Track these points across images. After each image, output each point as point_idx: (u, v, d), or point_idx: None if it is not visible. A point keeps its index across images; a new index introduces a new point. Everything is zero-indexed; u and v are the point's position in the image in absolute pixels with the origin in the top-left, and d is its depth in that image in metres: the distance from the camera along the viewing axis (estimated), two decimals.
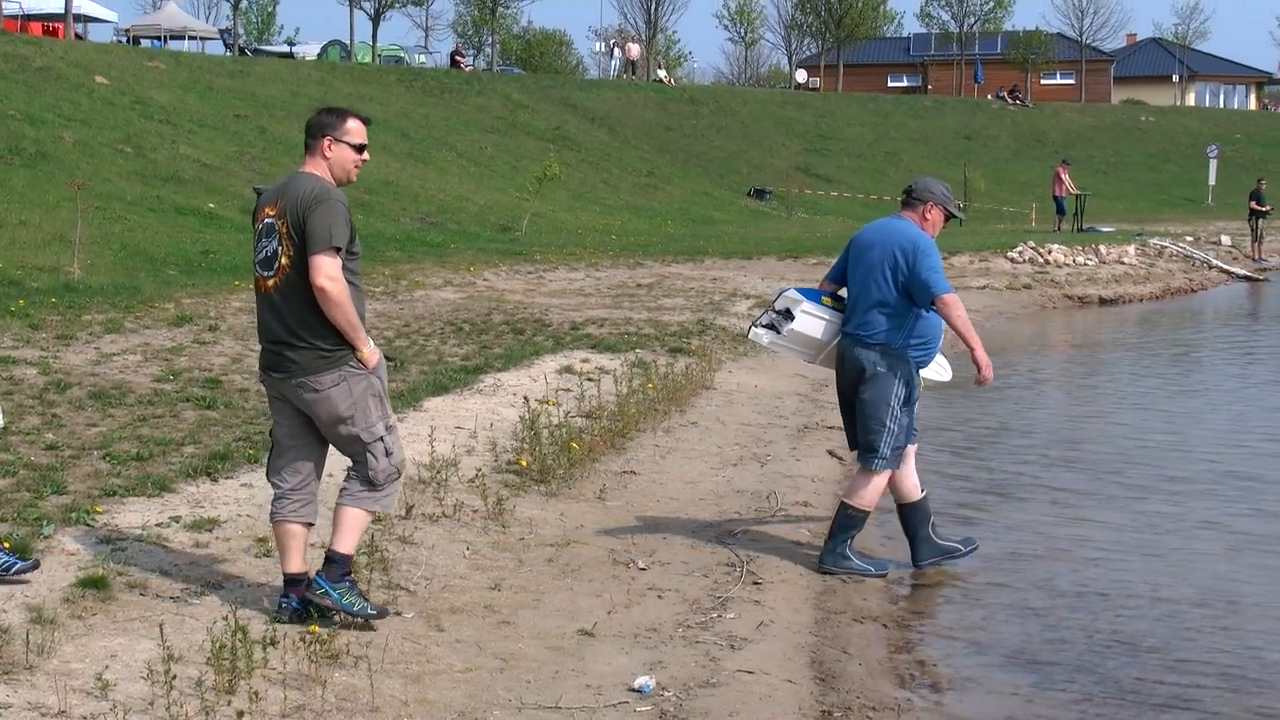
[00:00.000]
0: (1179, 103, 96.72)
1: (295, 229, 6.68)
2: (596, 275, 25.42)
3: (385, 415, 6.97)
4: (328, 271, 6.59)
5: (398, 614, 7.29)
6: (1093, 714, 6.96)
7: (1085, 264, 33.04)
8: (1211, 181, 64.90)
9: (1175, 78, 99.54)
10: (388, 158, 38.26)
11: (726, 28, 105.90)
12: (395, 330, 17.20)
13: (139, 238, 23.49)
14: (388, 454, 6.93)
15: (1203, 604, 8.76)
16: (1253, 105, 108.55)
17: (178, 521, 8.36)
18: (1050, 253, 32.89)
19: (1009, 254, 32.45)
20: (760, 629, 7.57)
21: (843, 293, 9.16)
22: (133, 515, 8.42)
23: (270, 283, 6.82)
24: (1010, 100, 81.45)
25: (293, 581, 7.00)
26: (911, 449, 9.10)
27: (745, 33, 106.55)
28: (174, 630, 6.57)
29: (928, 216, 8.91)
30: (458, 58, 66.74)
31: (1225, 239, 44.80)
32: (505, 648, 7.03)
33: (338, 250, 6.64)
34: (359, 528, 7.03)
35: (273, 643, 6.28)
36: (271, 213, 6.80)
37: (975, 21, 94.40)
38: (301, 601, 6.94)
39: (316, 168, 6.87)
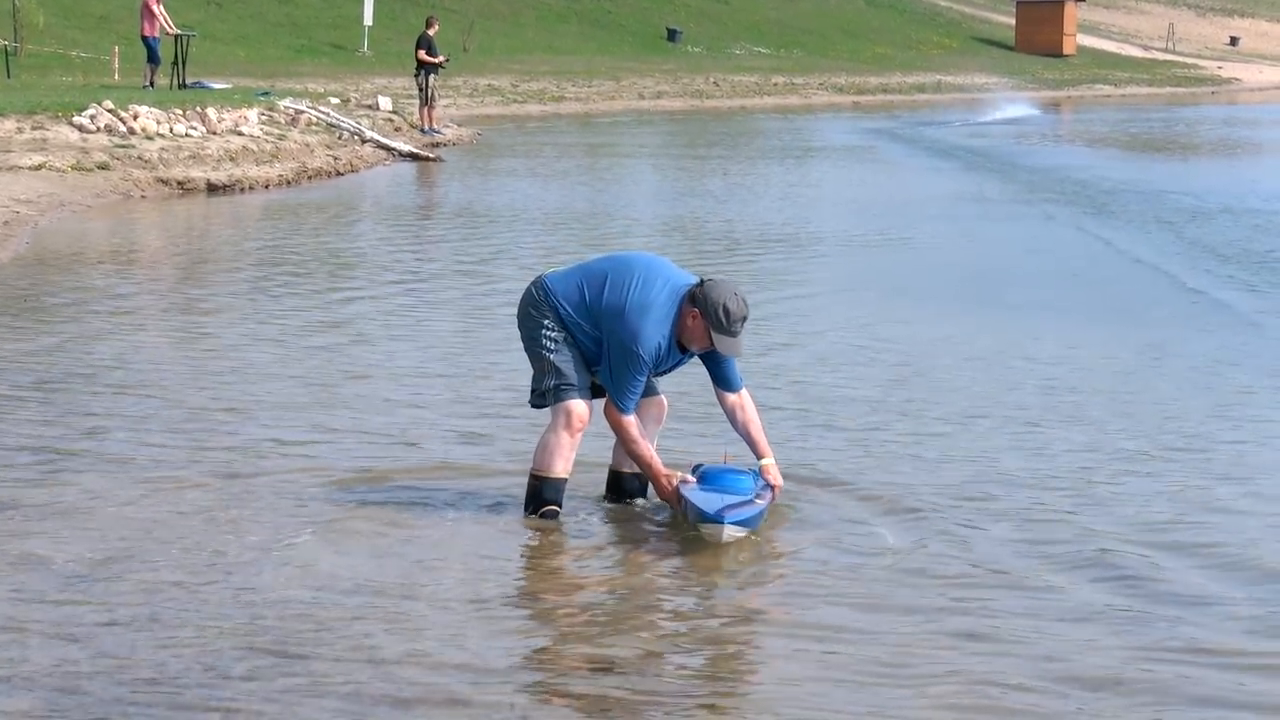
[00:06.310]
0: None
1: None
2: None
3: None
4: None
5: None
6: None
7: (188, 135, 32.86)
8: (368, 22, 66.69)
9: None
10: None
11: None
12: None
13: None
14: None
15: None
16: None
17: None
18: (137, 118, 32.18)
19: (77, 119, 31.41)
20: None
21: None
22: None
23: None
24: None
25: None
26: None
27: None
28: None
29: (689, 321, 9.97)
30: None
31: (385, 102, 46.91)
32: None
33: None
34: None
35: None
36: None
37: None
38: None
39: None
